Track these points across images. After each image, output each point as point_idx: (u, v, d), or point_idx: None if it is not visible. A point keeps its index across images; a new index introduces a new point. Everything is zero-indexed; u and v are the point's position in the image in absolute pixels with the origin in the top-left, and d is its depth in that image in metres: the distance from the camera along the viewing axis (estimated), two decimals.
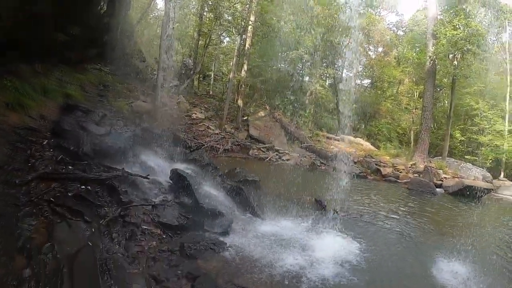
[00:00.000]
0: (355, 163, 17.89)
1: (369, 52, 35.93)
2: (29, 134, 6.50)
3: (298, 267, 5.05)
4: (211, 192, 6.94)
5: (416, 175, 17.36)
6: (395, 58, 36.12)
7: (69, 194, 5.07)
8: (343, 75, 33.05)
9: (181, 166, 7.82)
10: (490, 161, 24.45)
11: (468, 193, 14.10)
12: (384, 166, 18.10)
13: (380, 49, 36.34)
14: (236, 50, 19.93)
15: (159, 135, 10.25)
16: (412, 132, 31.19)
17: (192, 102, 20.49)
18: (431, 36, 22.14)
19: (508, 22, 25.57)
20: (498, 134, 24.64)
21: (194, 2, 26.32)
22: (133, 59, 16.48)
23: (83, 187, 5.40)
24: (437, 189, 15.09)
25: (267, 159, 16.58)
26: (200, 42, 25.15)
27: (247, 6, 20.01)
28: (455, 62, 21.72)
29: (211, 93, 26.56)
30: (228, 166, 11.84)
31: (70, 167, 5.93)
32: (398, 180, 16.50)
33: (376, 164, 18.19)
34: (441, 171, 18.04)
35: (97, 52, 11.09)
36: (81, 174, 5.70)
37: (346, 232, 6.83)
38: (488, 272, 5.80)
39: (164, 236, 5.11)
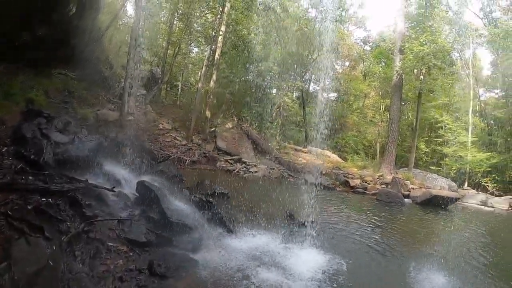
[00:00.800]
0: (323, 174, 18.03)
1: (336, 66, 36.63)
2: None
3: (273, 284, 4.90)
4: (180, 205, 6.67)
5: (384, 186, 17.76)
6: (361, 73, 37.05)
7: (29, 207, 4.73)
8: (310, 88, 33.70)
9: (148, 178, 7.52)
10: (454, 171, 25.45)
11: (435, 202, 14.56)
12: (352, 178, 18.35)
13: (347, 63, 37.10)
14: (205, 60, 19.77)
15: (125, 145, 9.89)
16: (378, 144, 31.96)
17: (159, 112, 20.09)
18: (398, 51, 22.80)
19: (471, 39, 26.98)
20: (462, 146, 25.67)
21: (164, 11, 26.04)
22: (100, 66, 15.99)
23: (44, 199, 5.06)
24: (405, 199, 15.42)
25: (235, 171, 16.40)
26: (168, 51, 24.81)
27: (218, 16, 19.94)
28: (421, 77, 22.57)
29: (178, 103, 26.17)
30: (195, 178, 11.63)
31: (30, 178, 5.57)
32: (366, 192, 16.77)
33: (344, 176, 18.42)
34: (408, 182, 18.51)
35: (64, 56, 10.67)
36: (42, 185, 5.35)
37: (319, 245, 6.75)
38: (462, 277, 6.04)
39: (131, 254, 4.83)
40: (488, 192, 22.74)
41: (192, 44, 27.59)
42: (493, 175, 24.98)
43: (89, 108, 12.63)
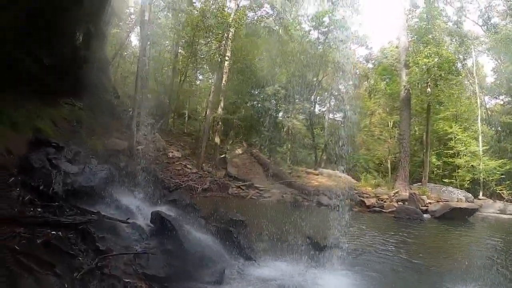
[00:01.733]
0: (337, 196, 17.59)
1: (340, 86, 36.46)
2: None
3: None
4: (198, 235, 6.24)
5: (400, 203, 17.43)
6: (365, 90, 36.81)
7: (38, 241, 4.32)
8: (316, 110, 33.45)
9: (162, 208, 7.12)
10: (468, 182, 24.87)
11: (454, 215, 14.37)
12: (367, 197, 18.08)
13: (350, 82, 36.82)
14: (212, 86, 19.62)
15: (136, 175, 9.54)
16: (388, 161, 31.38)
17: (168, 140, 19.87)
18: (403, 66, 22.64)
19: (473, 48, 26.83)
20: (473, 155, 25.18)
21: (167, 41, 26.20)
22: (107, 95, 15.83)
23: (54, 233, 4.64)
24: (424, 214, 15.14)
25: (248, 197, 16.08)
26: (175, 80, 24.77)
27: (223, 42, 19.92)
28: (429, 89, 22.34)
29: (185, 131, 25.97)
30: (209, 206, 11.21)
31: (39, 210, 5.18)
32: (383, 210, 16.51)
33: (359, 196, 18.08)
34: (424, 196, 18.22)
35: (70, 85, 10.44)
36: (52, 217, 4.95)
37: (345, 268, 6.44)
38: None
39: None
40: (504, 200, 22.26)
41: (198, 72, 27.64)
42: (508, 182, 24.17)
43: (97, 137, 12.34)
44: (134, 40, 28.92)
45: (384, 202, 17.82)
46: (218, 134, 19.99)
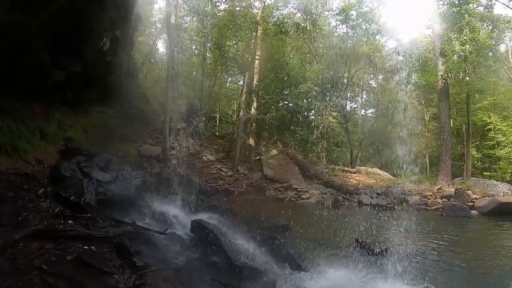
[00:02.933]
0: (379, 194, 16.78)
1: (370, 81, 35.30)
2: (22, 181, 5.45)
3: None
4: (242, 244, 5.67)
5: (445, 199, 16.59)
6: (397, 84, 35.47)
7: (68, 258, 3.88)
8: (347, 107, 32.49)
9: (202, 216, 6.58)
10: (510, 174, 23.90)
11: (503, 210, 13.63)
12: (410, 194, 16.98)
13: (380, 77, 35.59)
14: (245, 87, 19.11)
15: (171, 181, 9.07)
16: (426, 156, 30.13)
17: (201, 144, 19.46)
18: (439, 55, 21.47)
19: (507, 32, 25.30)
20: None
21: (194, 45, 25.98)
22: (137, 101, 15.62)
23: (86, 247, 4.19)
24: (471, 211, 14.43)
25: (287, 199, 15.43)
26: (204, 83, 24.46)
27: (253, 41, 19.44)
28: (467, 78, 21.19)
29: (217, 134, 25.60)
30: (248, 210, 10.66)
31: (70, 222, 4.77)
32: (428, 208, 15.84)
33: (401, 193, 16.99)
34: (470, 192, 17.28)
35: (100, 92, 10.19)
36: (83, 230, 4.51)
37: (403, 274, 5.69)
38: None
39: None
40: None
41: (227, 74, 27.30)
42: None
43: (130, 144, 12.07)
44: (161, 47, 29.10)
45: (428, 199, 17.00)
46: (252, 136, 19.45)
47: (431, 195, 17.44)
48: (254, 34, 19.42)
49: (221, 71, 24.37)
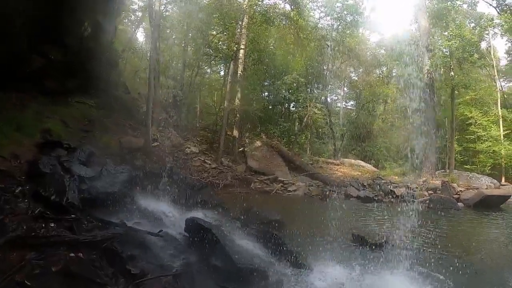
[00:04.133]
0: (365, 186, 16.67)
1: (351, 74, 35.23)
2: None
3: None
4: (242, 245, 5.25)
5: (431, 192, 16.50)
6: (378, 77, 35.55)
7: (53, 269, 3.38)
8: (328, 99, 32.43)
9: (196, 213, 6.16)
10: (489, 167, 24.58)
11: (487, 203, 13.72)
12: (396, 187, 16.94)
13: (361, 70, 35.52)
14: (229, 76, 18.58)
15: (157, 175, 8.56)
16: (408, 148, 30.46)
17: (184, 135, 18.88)
18: (425, 49, 21.50)
19: (490, 30, 25.73)
20: (494, 140, 24.58)
21: (174, 34, 25.18)
22: (118, 92, 14.90)
23: (73, 254, 3.69)
24: (458, 203, 14.48)
25: (273, 192, 15.07)
26: (186, 74, 23.76)
27: (238, 30, 18.89)
28: (452, 73, 21.39)
29: (198, 125, 25.00)
30: (236, 204, 10.21)
31: (52, 225, 4.26)
32: (415, 200, 15.29)
33: (388, 186, 17.01)
34: (455, 184, 17.34)
35: (80, 82, 9.56)
36: (68, 235, 4.02)
37: (410, 267, 5.52)
38: None
39: None
40: None
41: (207, 65, 26.64)
42: None
43: (111, 136, 11.44)
44: (140, 36, 28.25)
45: (414, 191, 16.65)
46: (236, 127, 18.99)
47: (417, 187, 17.27)
48: (240, 23, 18.82)
49: (204, 61, 23.67)
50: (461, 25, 20.55)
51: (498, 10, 26.66)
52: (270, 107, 24.61)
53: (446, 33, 20.54)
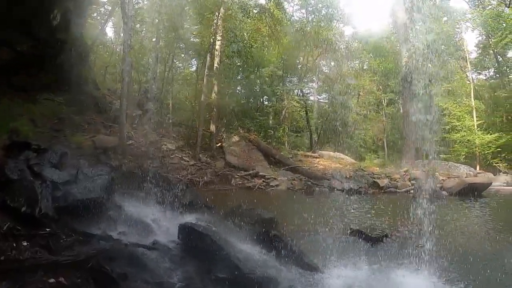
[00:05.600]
0: (348, 178, 16.60)
1: (323, 67, 35.15)
2: None
3: None
4: (242, 248, 4.70)
5: (413, 181, 16.80)
6: (351, 70, 35.78)
7: None
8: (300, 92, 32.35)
9: (188, 217, 5.58)
10: (463, 156, 25.69)
11: (469, 191, 13.91)
12: (379, 178, 17.14)
13: (332, 63, 35.48)
14: (206, 69, 17.89)
15: (137, 175, 7.90)
16: (384, 140, 31.49)
17: (159, 132, 18.11)
18: (403, 42, 21.68)
19: (462, 24, 26.50)
20: (468, 130, 25.77)
21: (145, 27, 24.27)
22: (89, 88, 14.01)
23: (52, 280, 3.04)
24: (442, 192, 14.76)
25: (255, 188, 14.75)
26: (158, 68, 22.90)
27: (214, 22, 18.24)
28: (429, 65, 21.56)
29: (170, 121, 24.19)
30: (219, 202, 9.70)
31: (25, 244, 3.55)
32: (398, 190, 16.01)
33: (371, 177, 17.24)
34: (437, 173, 17.56)
35: (50, 76, 8.77)
36: (45, 256, 3.35)
37: (415, 264, 5.26)
38: None
39: None
40: (502, 172, 22.73)
41: (182, 59, 25.88)
42: (504, 155, 24.86)
43: (82, 135, 10.67)
44: (109, 31, 27.26)
45: (397, 182, 17.01)
46: (214, 122, 18.37)
47: (399, 178, 17.48)
48: (216, 14, 18.15)
49: (178, 54, 22.94)
50: (437, 19, 21.06)
51: (470, 5, 27.63)
52: (245, 101, 24.13)
53: (418, 27, 20.78)
